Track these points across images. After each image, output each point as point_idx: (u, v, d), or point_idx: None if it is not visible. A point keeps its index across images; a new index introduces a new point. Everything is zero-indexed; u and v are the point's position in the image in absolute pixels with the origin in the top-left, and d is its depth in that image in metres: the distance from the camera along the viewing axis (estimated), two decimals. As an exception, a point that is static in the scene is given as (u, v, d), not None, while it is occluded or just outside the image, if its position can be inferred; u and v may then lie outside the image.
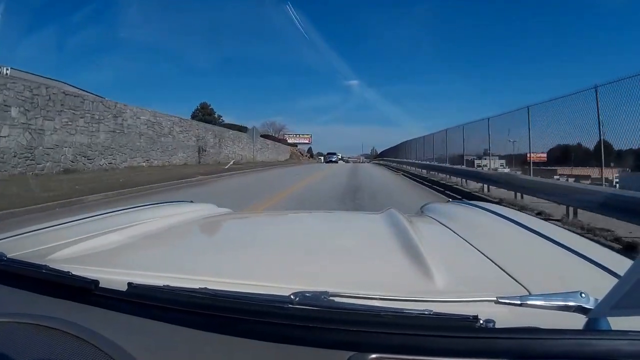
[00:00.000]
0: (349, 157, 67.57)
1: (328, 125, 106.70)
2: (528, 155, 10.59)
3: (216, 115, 41.83)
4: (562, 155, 11.09)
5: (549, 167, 10.66)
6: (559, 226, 1.15)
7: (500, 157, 12.59)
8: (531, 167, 10.29)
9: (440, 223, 1.08)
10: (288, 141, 58.05)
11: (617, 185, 7.61)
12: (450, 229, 0.99)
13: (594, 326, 0.44)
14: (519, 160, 11.43)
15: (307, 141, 65.87)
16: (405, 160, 23.39)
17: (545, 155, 10.68)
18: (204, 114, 38.77)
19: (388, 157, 35.23)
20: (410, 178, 15.51)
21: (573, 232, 1.04)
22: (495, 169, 11.72)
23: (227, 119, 45.85)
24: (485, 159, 12.02)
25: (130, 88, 66.88)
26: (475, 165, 12.02)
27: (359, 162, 57.31)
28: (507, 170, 11.28)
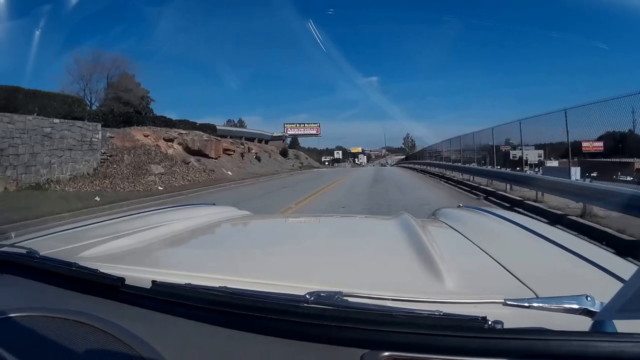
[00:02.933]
0: (369, 151, 53.74)
1: (351, 121, 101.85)
2: (583, 144, 8.51)
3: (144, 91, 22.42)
4: (618, 145, 8.93)
5: (618, 160, 8.64)
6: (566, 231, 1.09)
7: (537, 147, 9.89)
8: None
9: (451, 227, 1.10)
10: (288, 133, 42.82)
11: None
12: (460, 233, 1.00)
13: (599, 329, 0.45)
14: (562, 151, 8.99)
15: (314, 132, 48.24)
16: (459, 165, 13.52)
17: (601, 144, 8.69)
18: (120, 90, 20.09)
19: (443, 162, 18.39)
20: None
21: (580, 237, 0.95)
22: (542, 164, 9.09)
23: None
24: (521, 149, 9.34)
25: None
26: (511, 156, 9.31)
27: (384, 165, 44.19)
28: (555, 163, 8.69)
